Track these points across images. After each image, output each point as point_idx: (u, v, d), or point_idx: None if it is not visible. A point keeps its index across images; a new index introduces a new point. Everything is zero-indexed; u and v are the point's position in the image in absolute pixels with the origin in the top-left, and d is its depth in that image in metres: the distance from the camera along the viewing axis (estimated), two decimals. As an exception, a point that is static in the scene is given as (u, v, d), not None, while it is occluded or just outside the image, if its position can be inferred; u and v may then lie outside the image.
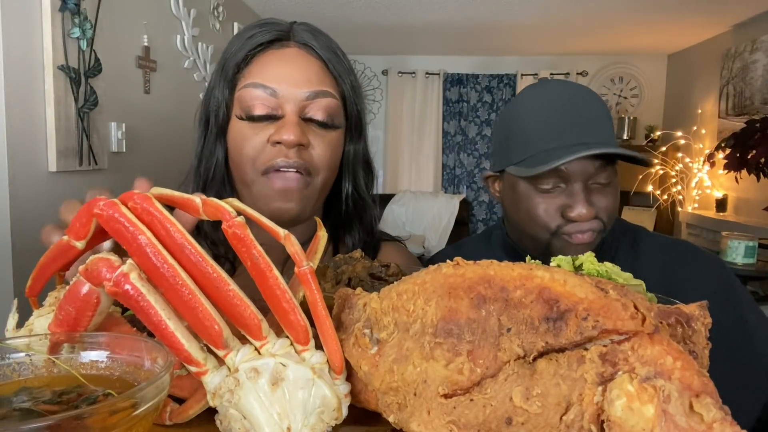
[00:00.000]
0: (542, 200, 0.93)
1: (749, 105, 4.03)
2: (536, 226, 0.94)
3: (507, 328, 0.36)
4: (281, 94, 0.77)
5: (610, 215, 0.92)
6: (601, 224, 0.92)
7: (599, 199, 0.91)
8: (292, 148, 0.76)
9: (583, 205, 0.89)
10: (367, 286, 0.59)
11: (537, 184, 0.92)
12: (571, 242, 0.92)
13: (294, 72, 0.79)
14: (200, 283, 0.41)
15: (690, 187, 4.66)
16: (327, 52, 0.82)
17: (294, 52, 0.80)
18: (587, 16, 4.12)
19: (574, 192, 0.90)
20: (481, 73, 5.66)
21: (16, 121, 1.75)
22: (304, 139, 0.77)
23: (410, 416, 0.39)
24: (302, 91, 0.78)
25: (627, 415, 0.29)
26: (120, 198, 0.42)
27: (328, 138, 0.81)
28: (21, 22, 1.76)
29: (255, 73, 0.80)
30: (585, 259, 0.49)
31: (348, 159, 0.87)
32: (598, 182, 0.91)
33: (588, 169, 0.90)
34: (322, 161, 0.80)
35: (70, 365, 0.41)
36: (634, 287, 0.45)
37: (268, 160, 0.77)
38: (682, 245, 1.00)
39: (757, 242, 2.89)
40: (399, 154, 5.78)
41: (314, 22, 0.87)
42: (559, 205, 0.91)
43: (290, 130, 0.75)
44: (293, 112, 0.78)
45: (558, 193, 0.92)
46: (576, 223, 0.90)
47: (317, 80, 0.79)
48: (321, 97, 0.79)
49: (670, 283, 0.93)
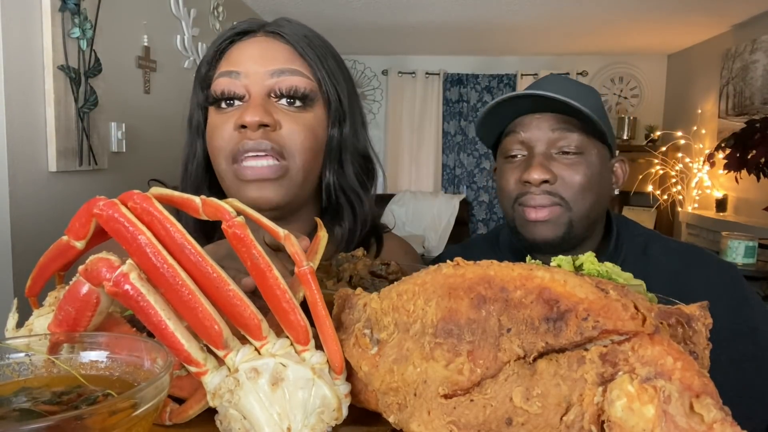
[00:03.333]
0: (508, 170, 0.92)
1: (749, 105, 4.03)
2: (504, 198, 0.93)
3: (507, 328, 0.36)
4: (244, 75, 0.75)
5: (574, 193, 0.87)
6: (561, 201, 0.87)
7: (562, 170, 0.87)
8: (258, 130, 0.73)
9: (535, 168, 0.86)
10: (367, 284, 0.59)
11: (506, 157, 0.92)
12: (526, 217, 0.88)
13: (258, 53, 0.76)
14: (200, 283, 0.41)
15: (690, 187, 4.65)
16: (297, 37, 0.78)
17: (260, 39, 0.78)
18: (587, 16, 4.11)
19: (532, 156, 0.88)
20: (481, 73, 5.66)
21: (16, 121, 1.75)
22: (268, 118, 0.73)
23: (410, 416, 0.39)
24: (266, 70, 0.75)
25: (627, 415, 0.29)
26: (120, 198, 0.42)
27: (302, 119, 0.77)
28: (21, 22, 1.76)
29: (222, 65, 0.78)
30: (585, 259, 0.49)
31: (331, 145, 0.81)
32: (563, 152, 0.88)
33: (545, 133, 0.88)
34: (295, 142, 0.75)
35: (70, 365, 0.41)
36: (634, 287, 0.45)
37: (235, 146, 0.74)
38: (696, 251, 0.96)
39: (757, 242, 2.89)
40: (399, 154, 5.78)
41: (314, 22, 0.86)
42: (520, 174, 0.89)
43: (252, 111, 0.72)
44: (258, 93, 0.75)
45: (521, 162, 0.90)
46: (530, 194, 0.87)
47: (284, 59, 0.76)
48: (288, 75, 0.76)
49: (682, 290, 0.89)
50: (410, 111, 5.72)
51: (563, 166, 0.87)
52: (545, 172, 0.86)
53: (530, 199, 0.88)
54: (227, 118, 0.76)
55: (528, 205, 0.88)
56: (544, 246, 0.89)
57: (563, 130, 0.87)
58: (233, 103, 0.77)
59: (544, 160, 0.87)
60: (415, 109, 5.71)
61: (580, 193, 0.87)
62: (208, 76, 0.80)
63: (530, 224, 0.88)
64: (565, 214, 0.88)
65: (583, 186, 0.87)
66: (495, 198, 5.76)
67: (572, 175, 0.87)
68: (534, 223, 0.88)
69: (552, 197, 0.87)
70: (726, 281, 0.90)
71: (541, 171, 0.85)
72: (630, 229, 0.99)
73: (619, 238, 0.96)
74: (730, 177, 3.57)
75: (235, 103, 0.77)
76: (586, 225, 0.90)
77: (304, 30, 0.81)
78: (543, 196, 0.87)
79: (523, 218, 0.89)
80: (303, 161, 0.76)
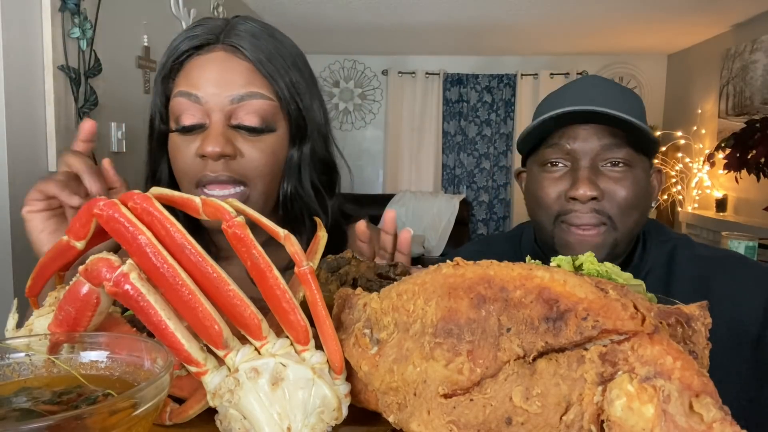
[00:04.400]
0: (549, 182, 0.86)
1: (749, 105, 4.03)
2: (541, 211, 0.87)
3: (507, 328, 0.36)
4: (205, 101, 0.74)
5: (622, 210, 0.82)
6: (607, 219, 0.82)
7: (609, 186, 0.82)
8: (218, 161, 0.72)
9: (583, 182, 0.81)
10: (375, 287, 0.58)
11: (544, 165, 0.86)
12: (570, 236, 0.83)
13: (218, 76, 0.74)
14: (200, 283, 0.41)
15: (690, 187, 4.65)
16: (256, 52, 0.76)
17: (220, 56, 0.76)
18: (587, 16, 4.12)
19: (577, 169, 0.82)
20: (481, 73, 5.66)
21: (16, 121, 1.75)
22: (229, 148, 0.72)
23: (410, 416, 0.39)
24: (227, 95, 0.74)
25: (627, 415, 0.29)
26: (120, 198, 0.42)
27: (262, 144, 0.76)
28: (21, 22, 1.76)
29: (181, 81, 0.76)
30: (585, 259, 0.49)
31: (291, 163, 0.80)
32: (610, 165, 0.83)
33: (593, 145, 0.82)
34: (255, 169, 0.75)
35: (70, 365, 0.41)
36: (634, 287, 0.45)
37: (196, 174, 0.74)
38: (725, 259, 0.89)
39: (757, 242, 2.89)
40: (399, 154, 5.77)
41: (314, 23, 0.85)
42: (564, 188, 0.84)
43: (213, 141, 0.72)
44: (219, 121, 0.74)
45: (564, 174, 0.85)
46: (576, 211, 0.82)
47: (244, 82, 0.75)
48: (248, 100, 0.74)
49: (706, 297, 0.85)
50: (410, 111, 5.72)
51: (610, 180, 0.82)
52: (594, 188, 0.81)
53: (576, 217, 0.82)
54: (188, 142, 0.75)
55: (574, 224, 0.83)
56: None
57: (612, 144, 0.82)
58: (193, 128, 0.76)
59: (591, 174, 0.82)
60: (415, 109, 5.71)
61: (627, 210, 0.83)
62: (168, 88, 0.79)
63: (573, 245, 0.83)
64: (611, 234, 0.83)
65: (630, 203, 0.82)
66: (495, 198, 5.77)
67: (620, 191, 0.82)
68: (578, 244, 0.83)
69: (599, 216, 0.82)
70: (755, 286, 0.84)
71: (590, 186, 0.80)
72: (660, 234, 0.93)
73: (646, 247, 0.91)
74: (730, 177, 3.57)
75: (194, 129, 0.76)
76: (627, 242, 0.86)
77: (266, 41, 0.78)
78: (590, 215, 0.82)
79: (565, 238, 0.84)
80: (263, 186, 0.77)
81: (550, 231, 0.87)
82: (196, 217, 0.44)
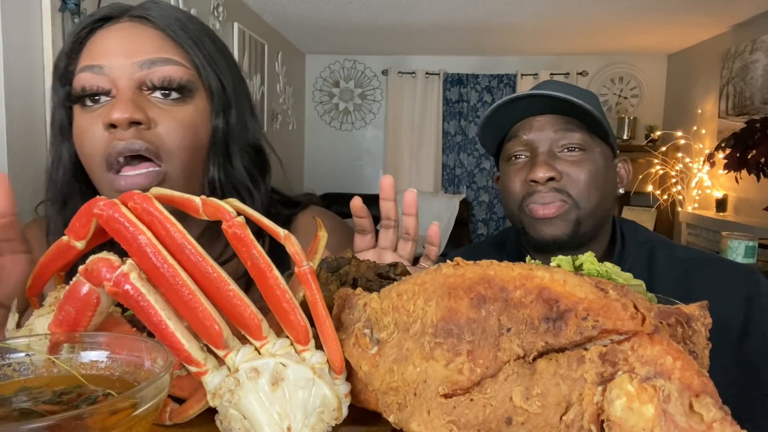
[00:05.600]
0: (513, 173, 0.92)
1: (749, 105, 4.03)
2: (509, 201, 0.93)
3: (507, 328, 0.36)
4: (109, 70, 0.66)
5: (581, 189, 0.87)
6: (568, 197, 0.87)
7: (566, 168, 0.87)
8: (129, 128, 0.64)
9: (540, 165, 0.86)
10: (375, 287, 0.58)
11: (509, 159, 0.92)
12: (534, 217, 0.88)
13: (124, 44, 0.67)
14: (200, 283, 0.41)
15: (690, 187, 4.65)
16: (167, 20, 0.69)
17: (125, 25, 0.68)
18: (587, 16, 4.11)
19: (536, 156, 0.88)
20: (481, 73, 5.66)
21: (16, 121, 1.75)
22: (140, 114, 0.64)
23: (410, 416, 0.39)
24: (135, 61, 0.66)
25: (627, 415, 0.29)
26: (120, 198, 0.42)
27: (180, 113, 0.68)
28: (21, 22, 1.76)
29: (84, 58, 0.69)
30: (585, 259, 0.49)
31: (216, 137, 0.72)
32: (567, 151, 0.88)
33: (548, 133, 0.88)
34: (173, 141, 0.67)
35: (70, 365, 0.41)
36: (634, 287, 0.45)
37: (105, 150, 0.65)
38: (703, 260, 0.93)
39: (757, 242, 2.89)
40: (399, 154, 5.77)
41: (314, 23, 0.84)
42: (525, 174, 0.89)
43: (121, 106, 0.63)
44: (127, 87, 0.66)
45: (525, 164, 0.90)
46: (537, 192, 0.87)
47: (154, 48, 0.67)
48: (160, 66, 0.67)
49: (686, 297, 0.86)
50: (410, 111, 5.72)
51: (568, 163, 0.88)
52: (550, 169, 0.86)
53: (538, 197, 0.88)
54: (95, 118, 0.67)
55: (536, 203, 0.88)
56: (553, 244, 0.89)
57: (566, 129, 0.88)
58: (99, 100, 0.68)
59: (548, 158, 0.88)
60: (415, 109, 5.71)
61: (586, 190, 0.88)
62: (69, 72, 0.70)
63: (538, 222, 0.88)
64: (573, 210, 0.88)
65: (589, 182, 0.88)
66: (495, 198, 5.76)
67: (577, 172, 0.87)
68: (542, 221, 0.88)
69: (559, 194, 0.87)
70: (735, 283, 0.88)
71: (547, 168, 0.86)
72: (638, 235, 0.97)
73: (625, 245, 0.95)
74: (730, 177, 3.56)
75: (101, 99, 0.68)
76: (593, 223, 0.90)
77: (176, 12, 0.72)
78: (551, 193, 0.87)
79: (531, 217, 0.89)
80: (182, 163, 0.69)
81: (518, 217, 0.93)
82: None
